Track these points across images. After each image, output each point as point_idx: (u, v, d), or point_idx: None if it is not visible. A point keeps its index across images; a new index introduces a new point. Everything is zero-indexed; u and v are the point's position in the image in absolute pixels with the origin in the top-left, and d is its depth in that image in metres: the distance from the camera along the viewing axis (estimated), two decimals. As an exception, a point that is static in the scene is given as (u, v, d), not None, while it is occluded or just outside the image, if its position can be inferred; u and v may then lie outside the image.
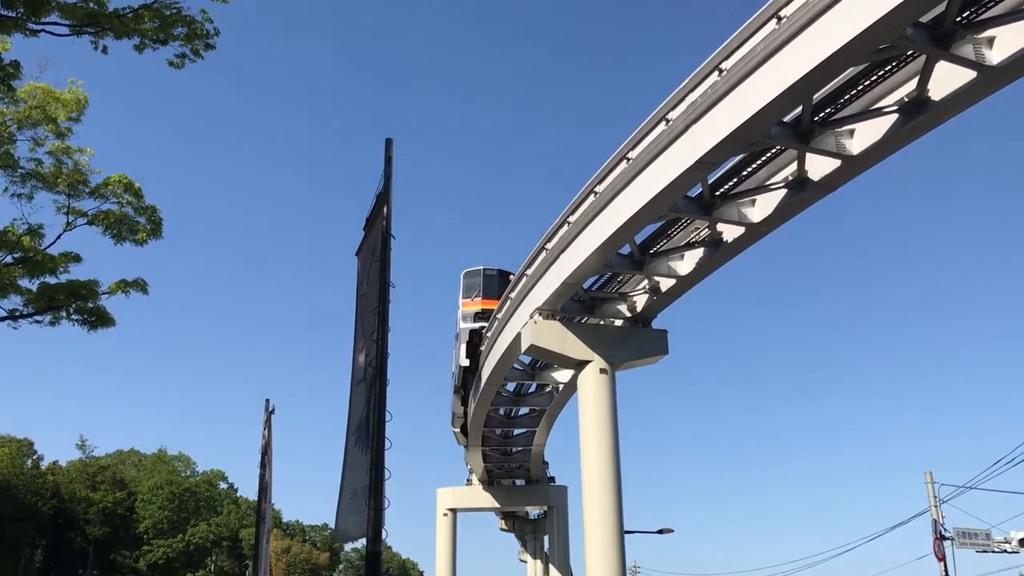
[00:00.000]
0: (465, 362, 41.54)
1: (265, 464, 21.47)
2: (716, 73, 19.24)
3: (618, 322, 29.45)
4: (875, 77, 18.41)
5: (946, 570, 30.32)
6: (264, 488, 21.06)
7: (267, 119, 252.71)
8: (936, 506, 30.76)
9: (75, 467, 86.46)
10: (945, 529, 30.54)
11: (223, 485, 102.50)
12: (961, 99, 17.34)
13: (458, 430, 51.66)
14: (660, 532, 39.14)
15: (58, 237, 19.59)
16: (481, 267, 43.17)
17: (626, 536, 27.16)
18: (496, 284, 39.60)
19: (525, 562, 67.15)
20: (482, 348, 38.39)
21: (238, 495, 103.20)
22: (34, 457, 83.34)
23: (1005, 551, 31.17)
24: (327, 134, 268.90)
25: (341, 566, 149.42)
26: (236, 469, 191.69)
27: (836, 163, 20.13)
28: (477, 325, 40.46)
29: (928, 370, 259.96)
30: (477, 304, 41.49)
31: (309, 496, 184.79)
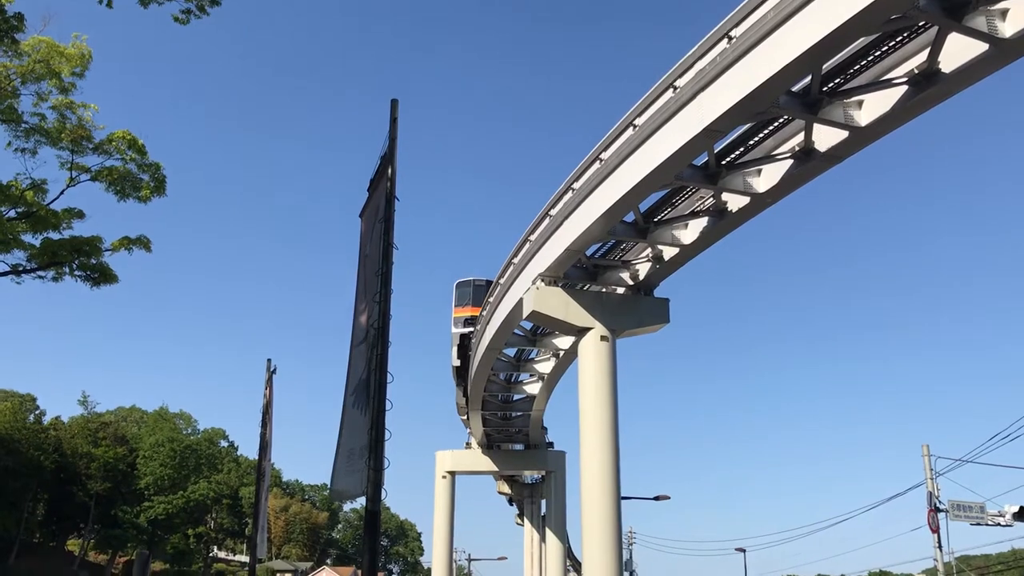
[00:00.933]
0: (456, 363, 47.56)
1: (266, 423, 21.61)
2: (725, 40, 19.04)
3: (620, 290, 29.44)
4: (886, 48, 18.21)
5: (939, 542, 30.59)
6: (264, 446, 21.21)
7: (270, 79, 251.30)
8: (932, 479, 30.93)
9: (77, 423, 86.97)
10: (940, 502, 30.73)
11: (224, 443, 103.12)
12: (972, 72, 17.18)
13: (465, 417, 52.82)
14: (656, 499, 39.36)
15: (61, 192, 19.57)
16: (472, 278, 48.10)
17: (623, 502, 27.38)
18: (484, 294, 42.32)
19: (522, 525, 67.76)
20: (471, 352, 43.26)
21: (238, 454, 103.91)
22: (36, 412, 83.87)
23: (999, 524, 31.35)
24: (331, 93, 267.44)
25: (339, 525, 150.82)
26: (237, 428, 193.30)
27: (843, 134, 20.00)
28: (467, 330, 45.48)
29: (931, 345, 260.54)
30: (467, 311, 46.37)
31: (309, 456, 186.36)
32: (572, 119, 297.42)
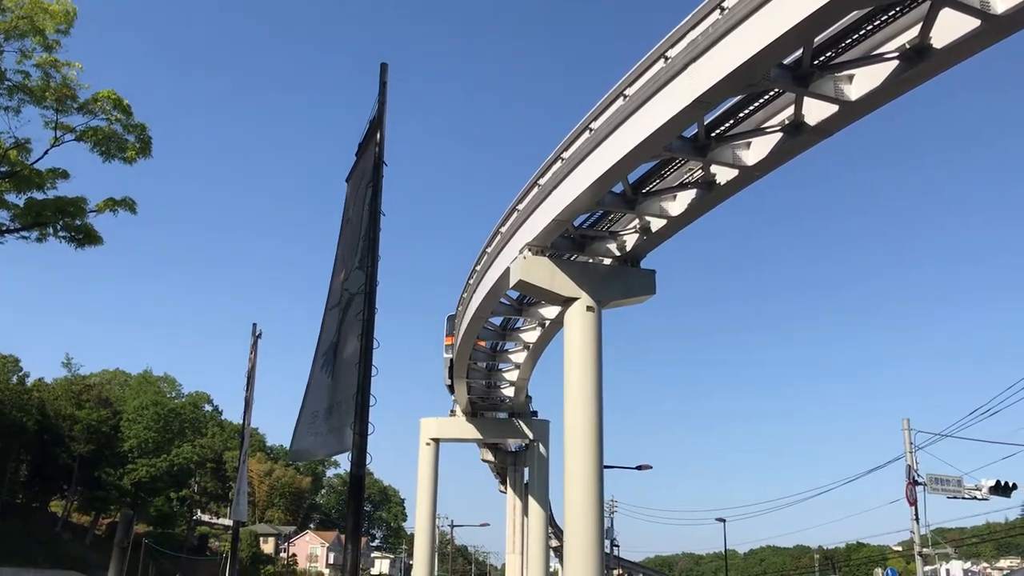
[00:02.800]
0: (448, 382, 52.70)
1: (250, 388, 21.61)
2: (718, 11, 18.93)
3: (607, 261, 29.46)
4: (878, 22, 18.18)
5: (917, 514, 31.00)
6: (248, 408, 21.22)
7: (258, 38, 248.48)
8: (911, 452, 31.28)
9: (60, 385, 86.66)
10: (919, 475, 31.10)
11: (208, 408, 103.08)
12: (963, 47, 17.17)
13: (450, 383, 53.46)
14: (639, 468, 39.82)
15: (45, 152, 19.35)
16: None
17: (606, 471, 27.59)
18: None
19: (505, 493, 68.22)
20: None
21: (223, 418, 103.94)
22: (19, 374, 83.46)
23: (975, 498, 31.76)
24: (320, 54, 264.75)
25: (323, 491, 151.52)
26: (221, 392, 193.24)
27: (833, 108, 19.99)
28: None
29: (916, 321, 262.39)
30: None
31: (292, 421, 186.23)
32: (563, 88, 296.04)
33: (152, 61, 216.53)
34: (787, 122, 21.18)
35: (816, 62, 18.93)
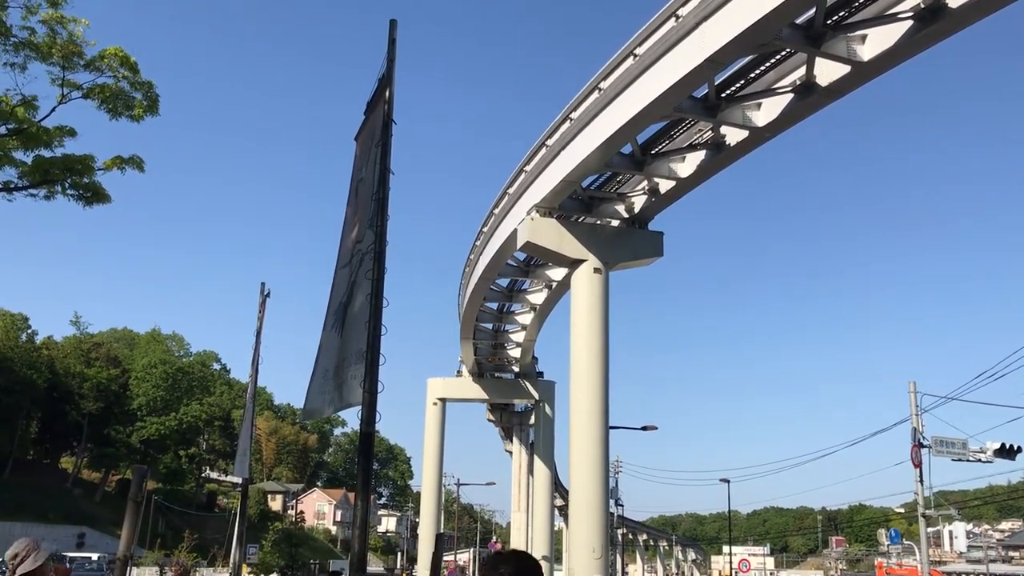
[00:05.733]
0: None
1: (258, 345, 21.68)
2: (730, -31, 18.68)
3: (615, 222, 29.38)
4: (893, -20, 17.93)
5: (921, 476, 31.17)
6: (256, 366, 21.32)
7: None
8: (917, 414, 31.38)
9: (70, 343, 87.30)
10: (924, 437, 31.23)
11: (216, 366, 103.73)
12: (980, 6, 16.94)
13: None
14: (644, 429, 40.00)
15: (52, 110, 19.19)
16: None
17: (611, 432, 27.77)
18: None
19: (510, 453, 68.72)
20: None
21: (231, 376, 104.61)
22: (29, 332, 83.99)
23: (979, 460, 31.91)
24: (330, 10, 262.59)
25: (330, 449, 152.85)
26: (229, 350, 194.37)
27: (845, 69, 19.78)
28: None
29: (925, 286, 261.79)
30: None
31: (300, 380, 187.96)
32: (574, 47, 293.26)
33: (158, 15, 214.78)
34: (798, 83, 20.98)
35: (829, 22, 18.70)
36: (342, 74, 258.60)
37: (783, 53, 20.87)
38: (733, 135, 23.85)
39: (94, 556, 51.53)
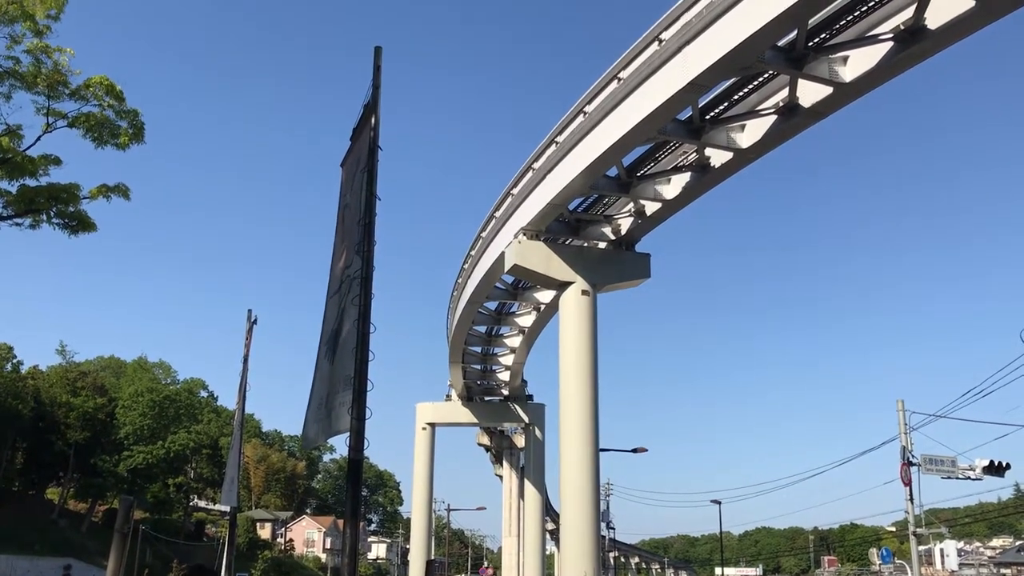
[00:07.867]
0: None
1: (245, 373, 21.62)
2: (712, -7, 18.87)
3: (602, 244, 29.47)
4: (873, 3, 18.16)
5: (911, 495, 31.15)
6: (244, 394, 21.27)
7: (251, 20, 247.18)
8: (906, 433, 31.40)
9: (55, 372, 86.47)
10: (913, 456, 31.22)
11: (203, 394, 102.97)
12: (958, 28, 17.15)
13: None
14: (634, 451, 39.84)
15: (37, 139, 19.17)
16: None
17: (601, 454, 27.70)
18: None
19: (501, 477, 68.43)
20: None
21: (218, 404, 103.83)
22: (14, 362, 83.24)
23: (969, 478, 31.86)
24: (314, 39, 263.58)
25: (319, 476, 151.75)
26: (216, 378, 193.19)
27: (828, 90, 19.98)
28: None
29: (910, 305, 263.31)
30: None
31: (288, 407, 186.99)
32: (557, 72, 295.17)
33: (142, 48, 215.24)
34: (781, 104, 21.16)
35: (810, 44, 18.90)
36: (319, 102, 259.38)
37: (766, 75, 21.08)
38: (717, 157, 24.01)
39: (81, 588, 50.84)
